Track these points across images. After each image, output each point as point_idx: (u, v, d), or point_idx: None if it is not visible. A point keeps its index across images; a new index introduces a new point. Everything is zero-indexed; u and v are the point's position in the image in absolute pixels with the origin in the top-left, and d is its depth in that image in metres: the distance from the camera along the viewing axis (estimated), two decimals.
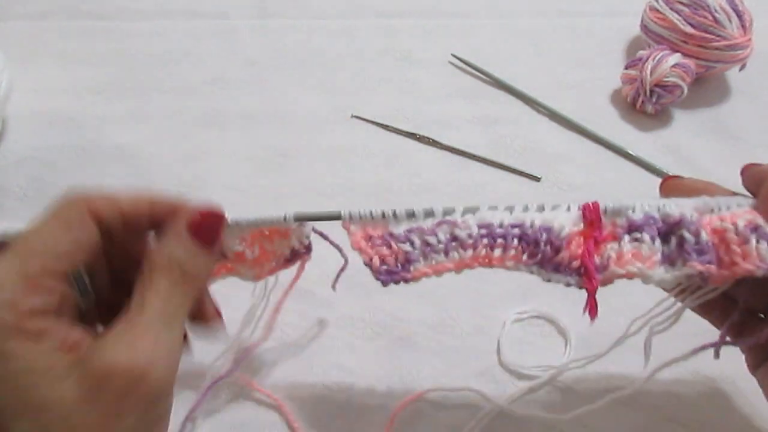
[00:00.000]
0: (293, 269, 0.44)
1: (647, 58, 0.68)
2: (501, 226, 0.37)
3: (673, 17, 0.70)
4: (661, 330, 0.42)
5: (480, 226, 0.37)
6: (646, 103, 0.69)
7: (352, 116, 0.69)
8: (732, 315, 0.39)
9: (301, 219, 0.39)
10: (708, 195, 0.37)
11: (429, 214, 0.38)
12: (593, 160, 0.66)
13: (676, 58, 0.68)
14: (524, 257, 0.37)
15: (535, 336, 0.53)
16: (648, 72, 0.67)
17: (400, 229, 0.38)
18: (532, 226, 0.37)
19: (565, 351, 0.52)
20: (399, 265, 0.38)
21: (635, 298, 0.42)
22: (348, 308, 0.54)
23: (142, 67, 0.74)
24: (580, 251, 0.36)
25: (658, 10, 0.72)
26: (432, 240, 0.38)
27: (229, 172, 0.64)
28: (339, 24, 0.80)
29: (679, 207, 0.36)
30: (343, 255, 0.43)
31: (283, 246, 0.41)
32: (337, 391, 0.49)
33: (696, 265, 0.35)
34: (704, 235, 0.35)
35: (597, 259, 0.36)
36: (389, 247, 0.38)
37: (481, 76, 0.74)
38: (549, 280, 0.37)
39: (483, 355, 0.52)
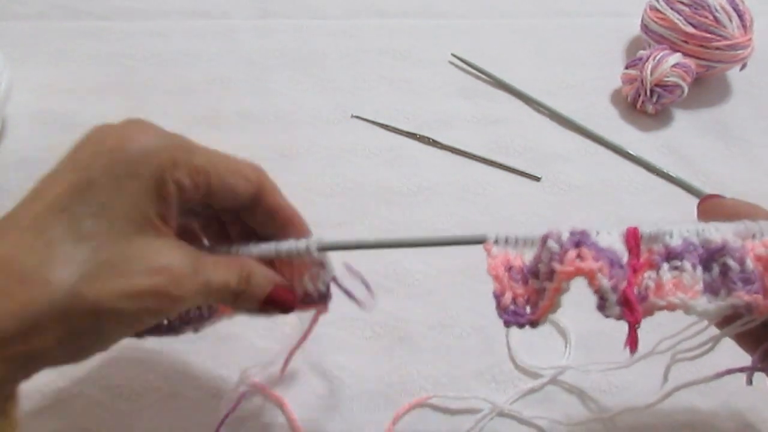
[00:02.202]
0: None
1: (647, 58, 0.68)
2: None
3: (674, 17, 0.70)
4: (689, 358, 0.40)
5: (571, 233, 0.34)
6: (646, 103, 0.69)
7: (352, 116, 0.69)
8: (766, 341, 0.37)
9: (433, 243, 0.37)
10: (749, 219, 0.35)
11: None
12: (593, 160, 0.66)
13: (676, 58, 0.68)
14: (604, 272, 0.34)
15: (535, 336, 0.53)
16: (648, 72, 0.67)
17: (528, 258, 0.36)
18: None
19: (565, 351, 0.52)
20: (528, 307, 0.36)
21: None
22: (348, 308, 0.53)
23: (142, 67, 0.74)
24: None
25: (658, 10, 0.72)
26: (542, 268, 0.35)
27: None
28: (339, 24, 0.80)
29: (719, 232, 0.34)
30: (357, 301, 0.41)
31: (303, 283, 0.39)
32: (337, 391, 0.49)
33: (743, 296, 0.33)
34: (749, 263, 0.33)
35: (635, 290, 0.34)
36: (525, 284, 0.36)
37: (481, 76, 0.74)
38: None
39: (483, 355, 0.52)
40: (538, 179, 0.64)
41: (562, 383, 0.50)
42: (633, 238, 0.35)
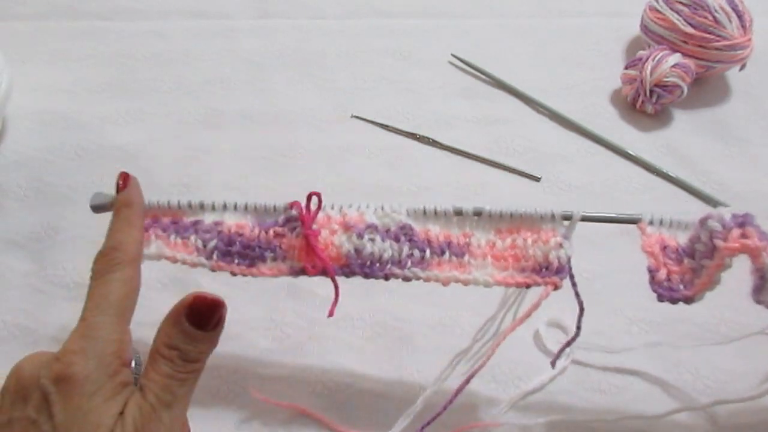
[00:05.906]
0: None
1: (647, 58, 0.68)
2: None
3: (673, 17, 0.70)
4: None
5: (734, 215, 0.36)
6: (646, 103, 0.69)
7: (352, 116, 0.69)
8: None
9: (591, 219, 0.38)
10: None
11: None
12: (593, 160, 0.66)
13: (676, 58, 0.68)
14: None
15: (534, 336, 0.53)
16: (648, 72, 0.67)
17: (682, 240, 0.37)
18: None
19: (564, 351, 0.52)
20: (682, 285, 0.37)
21: (635, 298, 0.42)
22: (348, 308, 0.54)
23: (142, 67, 0.74)
24: None
25: (658, 11, 0.72)
26: (700, 247, 0.36)
27: (229, 172, 0.64)
28: (339, 24, 0.80)
29: None
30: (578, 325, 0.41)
31: (536, 251, 0.39)
32: (336, 392, 0.49)
33: None
34: None
35: None
36: (680, 263, 0.37)
37: (481, 76, 0.74)
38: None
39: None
40: (538, 179, 0.64)
41: (566, 382, 0.50)
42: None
